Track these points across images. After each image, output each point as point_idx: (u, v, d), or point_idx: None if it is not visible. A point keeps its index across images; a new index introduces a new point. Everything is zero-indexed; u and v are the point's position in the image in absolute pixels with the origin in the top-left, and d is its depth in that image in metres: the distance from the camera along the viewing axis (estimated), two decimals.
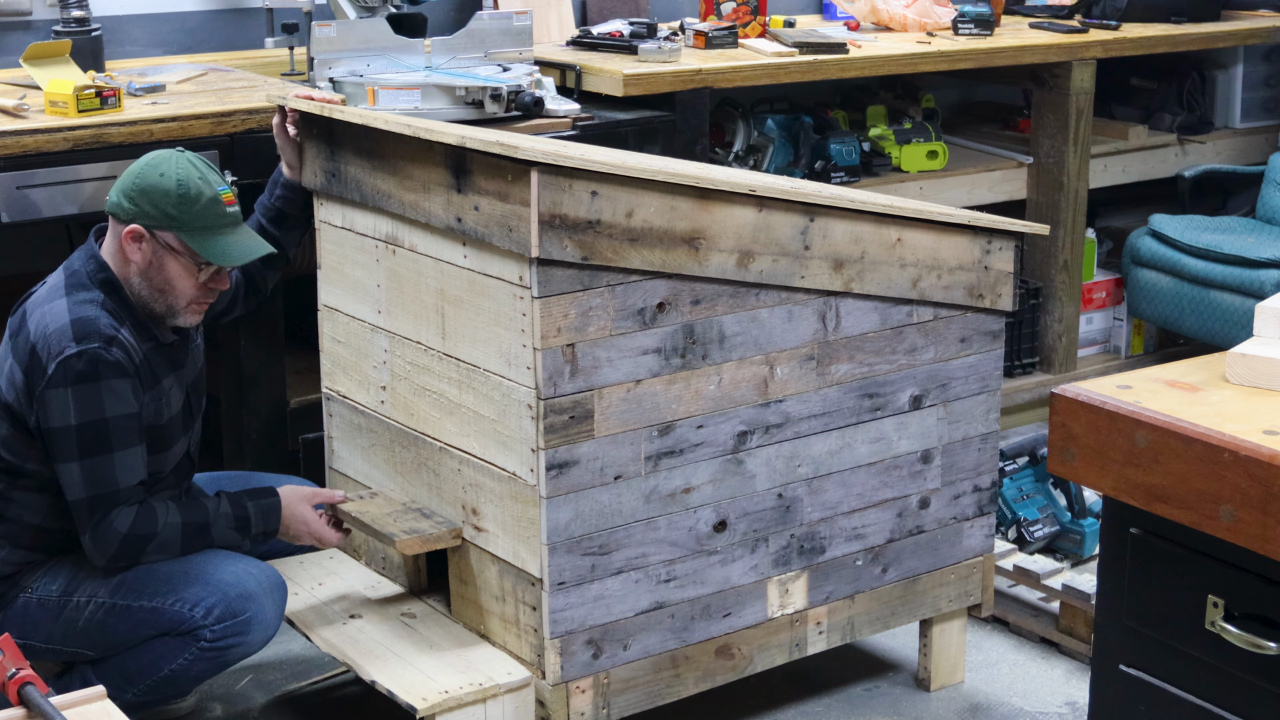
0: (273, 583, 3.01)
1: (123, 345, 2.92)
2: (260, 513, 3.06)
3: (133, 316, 2.99)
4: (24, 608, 3.02)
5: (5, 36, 4.06)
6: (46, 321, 2.91)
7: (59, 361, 2.87)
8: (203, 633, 2.94)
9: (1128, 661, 2.16)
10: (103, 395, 2.89)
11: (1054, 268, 5.00)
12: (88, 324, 2.90)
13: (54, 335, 2.89)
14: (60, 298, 2.94)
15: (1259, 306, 2.20)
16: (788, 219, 3.00)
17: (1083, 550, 4.02)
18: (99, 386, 2.88)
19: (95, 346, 2.88)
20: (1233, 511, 1.92)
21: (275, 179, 3.33)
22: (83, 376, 2.87)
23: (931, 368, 3.27)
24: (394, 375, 3.18)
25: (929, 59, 4.59)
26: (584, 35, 4.42)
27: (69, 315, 2.90)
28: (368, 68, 3.79)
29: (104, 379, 2.88)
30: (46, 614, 3.00)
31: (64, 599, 3.00)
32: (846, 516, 3.22)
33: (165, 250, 2.96)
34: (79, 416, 2.88)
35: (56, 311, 2.92)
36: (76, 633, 3.00)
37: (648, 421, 2.93)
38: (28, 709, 2.01)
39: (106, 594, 2.98)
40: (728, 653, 3.13)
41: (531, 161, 2.71)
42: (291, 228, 3.34)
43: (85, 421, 2.88)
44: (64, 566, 3.03)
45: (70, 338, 2.88)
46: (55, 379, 2.87)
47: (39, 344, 2.90)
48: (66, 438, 2.89)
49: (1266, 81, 5.62)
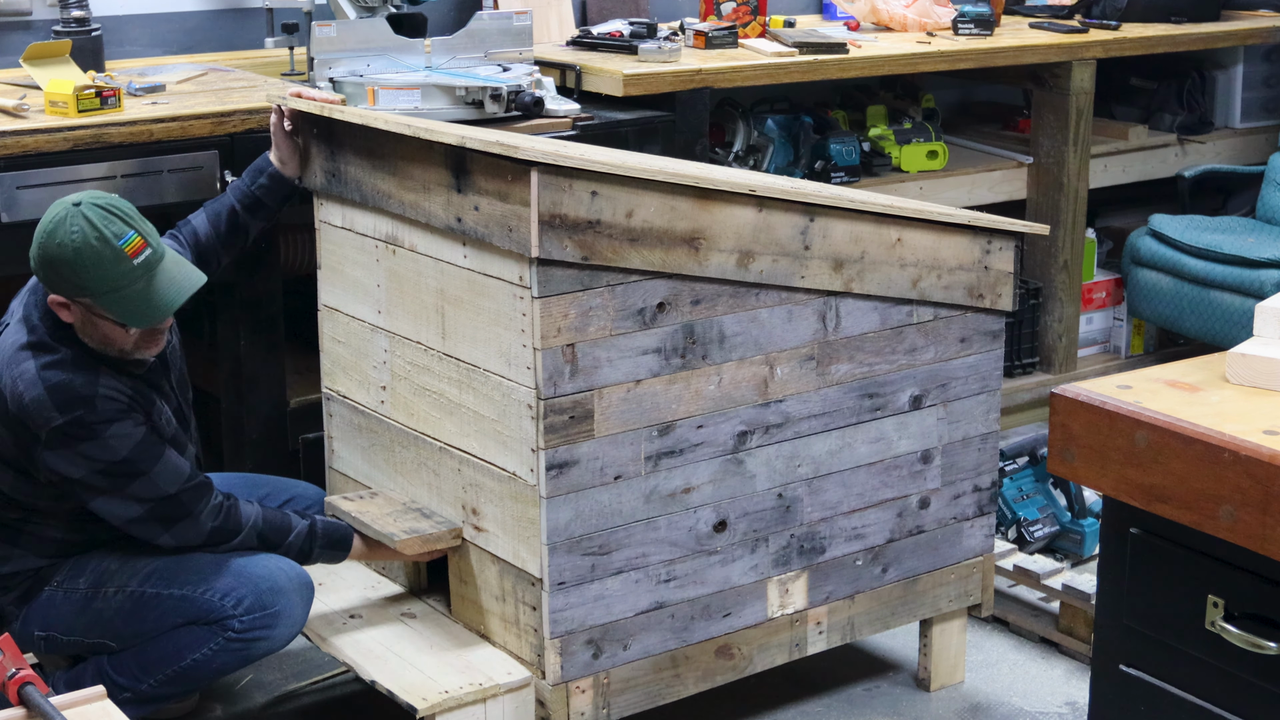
0: (302, 581, 3.02)
1: (106, 394, 2.87)
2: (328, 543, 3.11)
3: (104, 360, 2.92)
4: (49, 600, 3.01)
5: (5, 36, 4.06)
6: (20, 390, 2.84)
7: (49, 431, 2.83)
8: (231, 623, 2.94)
9: (1128, 661, 2.16)
10: (109, 443, 2.86)
11: (1054, 268, 5.00)
12: (64, 391, 2.83)
13: (32, 406, 2.83)
14: (28, 359, 2.86)
15: (1259, 306, 2.20)
16: (788, 219, 3.00)
17: (1083, 550, 4.02)
18: (103, 440, 2.86)
19: (79, 414, 2.83)
20: (1233, 511, 1.92)
21: (260, 167, 3.30)
22: (80, 438, 2.85)
23: (931, 368, 3.27)
24: (394, 375, 3.18)
25: (929, 59, 4.59)
26: (584, 35, 4.42)
27: (42, 385, 2.83)
28: (368, 68, 3.79)
29: (102, 434, 2.85)
30: (72, 606, 3.00)
31: (91, 591, 3.00)
32: (846, 516, 3.22)
33: (90, 313, 2.86)
34: (94, 466, 2.87)
35: (27, 379, 2.84)
36: (102, 623, 2.99)
37: (648, 421, 2.93)
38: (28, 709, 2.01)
39: (136, 583, 2.98)
40: (728, 653, 3.13)
41: (531, 161, 2.71)
42: (262, 216, 3.32)
43: (104, 467, 2.87)
44: (91, 560, 3.02)
45: (52, 408, 2.83)
46: (52, 443, 2.85)
47: (20, 414, 2.85)
48: (91, 482, 2.89)
49: (1266, 81, 5.62)
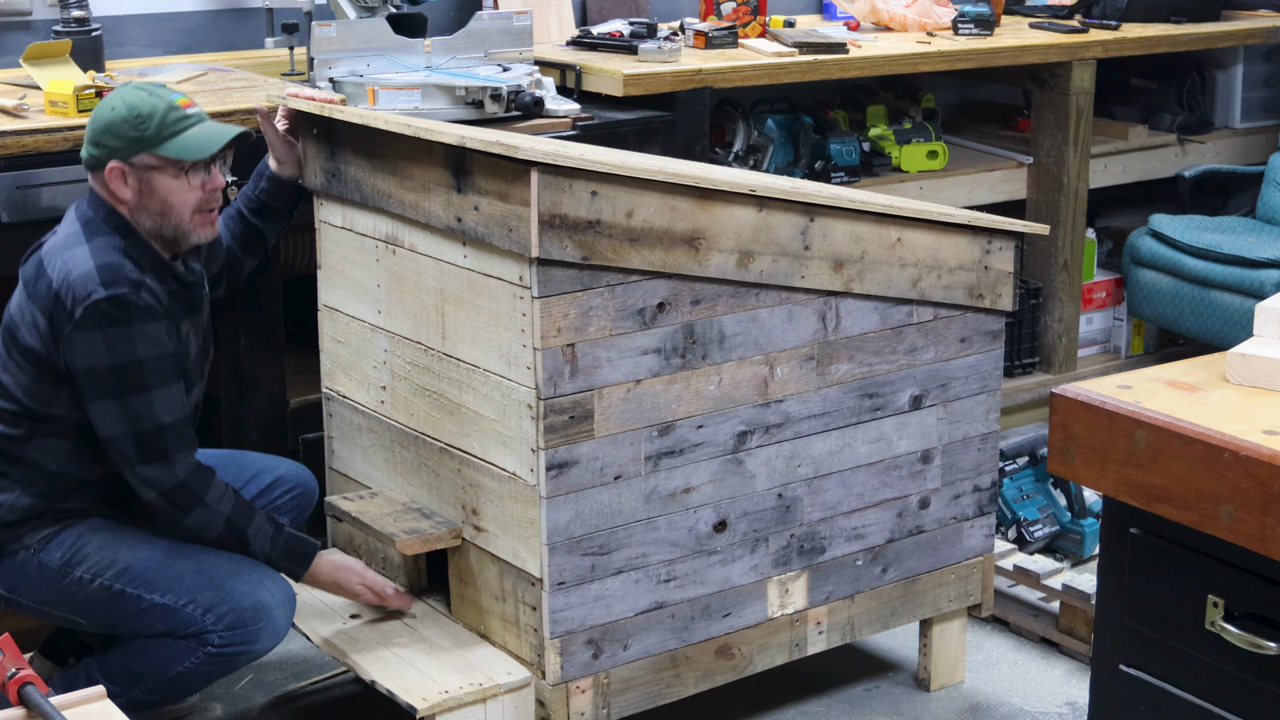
0: (285, 595, 3.01)
1: (149, 289, 2.90)
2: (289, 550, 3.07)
3: (151, 260, 2.96)
4: (22, 565, 3.00)
5: (5, 36, 4.06)
6: (70, 267, 2.88)
7: (86, 306, 2.84)
8: (210, 638, 2.94)
9: (1128, 661, 2.16)
10: (135, 338, 2.86)
11: (1054, 268, 5.00)
12: (114, 270, 2.87)
13: (78, 280, 2.86)
14: (81, 244, 2.91)
15: (1259, 306, 2.20)
16: (788, 219, 3.00)
17: (1083, 550, 4.02)
18: (130, 330, 2.86)
19: (124, 291, 2.85)
20: (1232, 511, 1.92)
21: (260, 171, 3.33)
22: (113, 320, 2.85)
23: (931, 368, 3.27)
24: (394, 375, 3.18)
25: (929, 59, 4.59)
26: (584, 35, 4.42)
27: (93, 261, 2.87)
28: (368, 68, 3.79)
29: (135, 323, 2.86)
30: (45, 579, 2.99)
31: (65, 569, 2.98)
32: (846, 516, 3.22)
33: (147, 172, 2.92)
34: (112, 358, 2.86)
35: (79, 257, 2.89)
36: (73, 603, 2.99)
37: (648, 421, 2.93)
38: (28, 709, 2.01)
39: (113, 576, 2.96)
40: (728, 653, 3.13)
41: (531, 161, 2.71)
42: (274, 220, 3.33)
43: (119, 363, 2.87)
44: (69, 535, 3.00)
45: (97, 282, 2.85)
46: (83, 322, 2.85)
47: (62, 290, 2.87)
48: (100, 377, 2.87)
49: (1266, 81, 5.62)
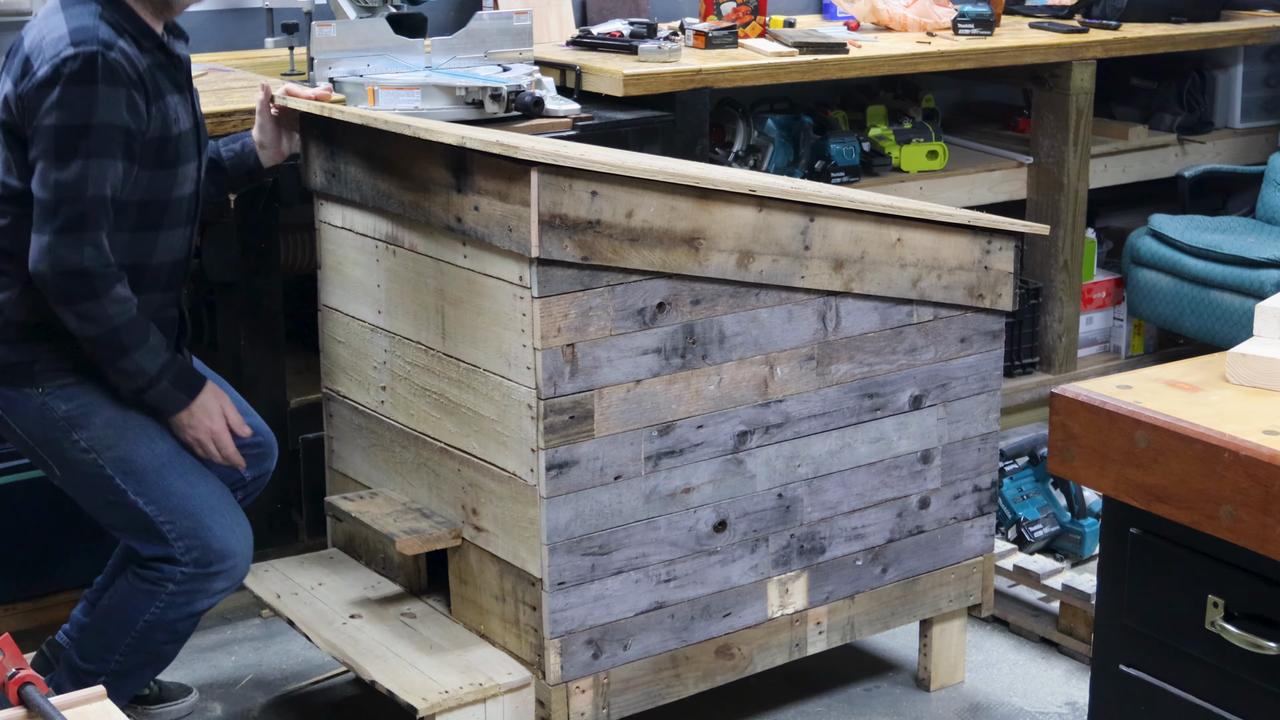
0: (250, 544, 3.05)
1: (122, 52, 2.84)
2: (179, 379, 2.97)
3: (138, 26, 2.91)
4: (26, 398, 2.95)
5: (5, 36, 4.06)
6: (43, 34, 2.85)
7: (52, 64, 2.79)
8: (174, 571, 2.97)
9: (1128, 661, 2.16)
10: (94, 100, 2.80)
11: (1054, 268, 5.00)
12: (85, 31, 2.82)
13: (49, 43, 2.82)
14: (56, 13, 2.87)
15: (1259, 306, 2.20)
16: (788, 219, 3.00)
17: (1083, 550, 4.02)
18: (92, 90, 2.80)
19: (93, 49, 2.80)
20: (1233, 511, 1.92)
21: (240, 136, 3.28)
22: (76, 78, 2.79)
23: (931, 368, 3.27)
24: (394, 375, 3.18)
25: (929, 59, 4.59)
26: (584, 35, 4.42)
27: (66, 25, 2.83)
28: (368, 68, 3.79)
29: (99, 83, 2.80)
30: (43, 421, 2.95)
31: (66, 425, 2.94)
32: (846, 516, 3.22)
33: None
34: (62, 117, 2.80)
35: (53, 24, 2.85)
36: (60, 458, 2.98)
37: (648, 421, 2.93)
38: (28, 709, 2.01)
39: (108, 459, 2.95)
40: (728, 653, 3.13)
41: (531, 161, 2.71)
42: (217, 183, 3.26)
43: (68, 124, 2.80)
44: (81, 393, 2.95)
45: (67, 43, 2.80)
46: (45, 80, 2.80)
47: (33, 54, 2.83)
48: (45, 135, 2.81)
49: (1266, 81, 5.62)
